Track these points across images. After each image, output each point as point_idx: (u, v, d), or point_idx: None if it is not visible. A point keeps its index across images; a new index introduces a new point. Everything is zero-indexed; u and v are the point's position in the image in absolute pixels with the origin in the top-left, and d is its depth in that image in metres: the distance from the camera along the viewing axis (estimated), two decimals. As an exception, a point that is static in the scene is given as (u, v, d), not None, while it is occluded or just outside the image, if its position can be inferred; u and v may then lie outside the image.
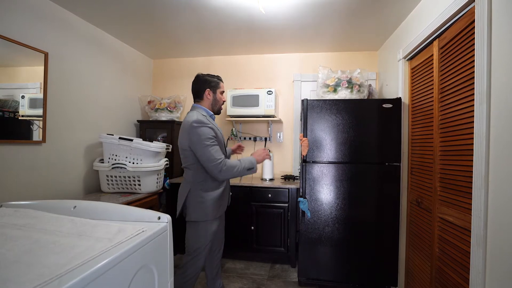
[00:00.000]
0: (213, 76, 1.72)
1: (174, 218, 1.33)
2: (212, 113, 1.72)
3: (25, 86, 1.89)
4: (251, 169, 1.62)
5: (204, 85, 1.67)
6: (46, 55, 1.96)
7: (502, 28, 1.11)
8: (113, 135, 2.24)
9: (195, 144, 1.52)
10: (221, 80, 1.75)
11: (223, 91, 1.76)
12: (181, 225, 2.73)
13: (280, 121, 3.11)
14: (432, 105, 1.74)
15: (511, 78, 1.05)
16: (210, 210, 1.60)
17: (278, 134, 3.13)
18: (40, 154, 1.95)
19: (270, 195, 2.60)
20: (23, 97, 1.86)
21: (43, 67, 1.95)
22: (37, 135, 1.93)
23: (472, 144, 1.27)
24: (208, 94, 1.68)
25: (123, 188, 2.26)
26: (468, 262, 1.29)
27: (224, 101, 1.77)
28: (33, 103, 1.91)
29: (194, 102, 1.72)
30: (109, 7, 2.09)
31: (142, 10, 2.13)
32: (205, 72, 1.75)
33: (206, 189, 1.60)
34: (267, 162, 2.88)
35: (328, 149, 2.19)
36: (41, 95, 1.94)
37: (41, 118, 1.95)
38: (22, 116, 1.85)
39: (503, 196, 1.08)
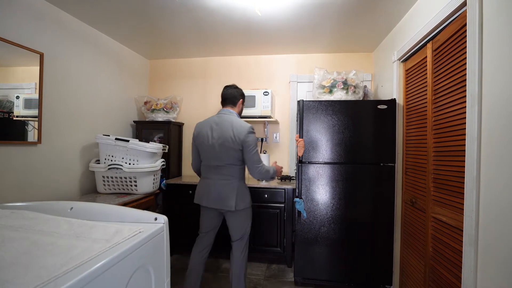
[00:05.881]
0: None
1: (170, 219, 1.34)
2: None
3: (20, 86, 1.88)
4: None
5: (239, 96, 1.98)
6: (41, 56, 1.95)
7: (492, 32, 1.13)
8: (109, 135, 2.24)
9: (251, 147, 1.80)
10: None
11: None
12: (177, 226, 2.73)
13: (276, 122, 3.12)
14: (426, 106, 1.77)
15: (502, 80, 1.08)
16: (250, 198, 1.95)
17: (275, 135, 3.14)
18: (36, 155, 1.94)
19: (266, 196, 2.61)
20: (18, 97, 1.85)
21: (38, 67, 1.94)
22: (32, 135, 1.92)
23: (464, 145, 1.29)
24: (240, 103, 1.99)
25: (120, 189, 2.26)
26: (460, 260, 1.32)
27: None
28: (28, 103, 1.90)
29: (225, 107, 1.95)
30: (106, 8, 2.08)
31: (138, 11, 2.13)
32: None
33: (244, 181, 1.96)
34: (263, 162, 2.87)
35: (324, 149, 2.21)
36: (36, 96, 1.93)
37: (36, 119, 1.94)
38: (17, 116, 1.84)
39: (493, 196, 1.11)
